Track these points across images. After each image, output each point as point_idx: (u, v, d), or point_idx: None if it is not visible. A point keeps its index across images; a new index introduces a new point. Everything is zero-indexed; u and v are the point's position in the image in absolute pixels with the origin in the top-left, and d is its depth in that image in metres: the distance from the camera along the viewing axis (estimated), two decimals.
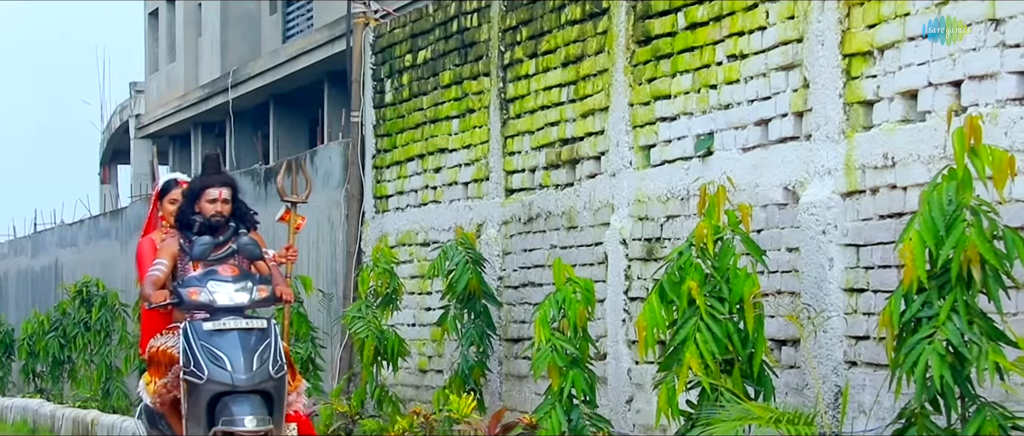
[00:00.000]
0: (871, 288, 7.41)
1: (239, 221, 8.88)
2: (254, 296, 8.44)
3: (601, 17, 9.85)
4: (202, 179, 8.87)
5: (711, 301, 7.21)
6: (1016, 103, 6.54)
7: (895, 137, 7.22)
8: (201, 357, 8.20)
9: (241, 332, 8.28)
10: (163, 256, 8.73)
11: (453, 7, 12.07)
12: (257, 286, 8.47)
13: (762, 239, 8.02)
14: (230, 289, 8.38)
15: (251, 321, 8.35)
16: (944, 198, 5.96)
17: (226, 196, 8.80)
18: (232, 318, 8.31)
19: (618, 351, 9.54)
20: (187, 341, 8.25)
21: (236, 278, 8.42)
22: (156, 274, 8.64)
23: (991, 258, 5.89)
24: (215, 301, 8.34)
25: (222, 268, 8.48)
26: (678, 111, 9.00)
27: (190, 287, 8.39)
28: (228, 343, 8.24)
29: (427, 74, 12.49)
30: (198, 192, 8.81)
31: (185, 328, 8.33)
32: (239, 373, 8.19)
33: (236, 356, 8.20)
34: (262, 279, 8.57)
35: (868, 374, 7.41)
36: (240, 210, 8.91)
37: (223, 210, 8.77)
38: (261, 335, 8.32)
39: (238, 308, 8.37)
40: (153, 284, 8.58)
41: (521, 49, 10.91)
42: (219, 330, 8.26)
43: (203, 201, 8.77)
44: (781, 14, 8.06)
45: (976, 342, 5.94)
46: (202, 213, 8.75)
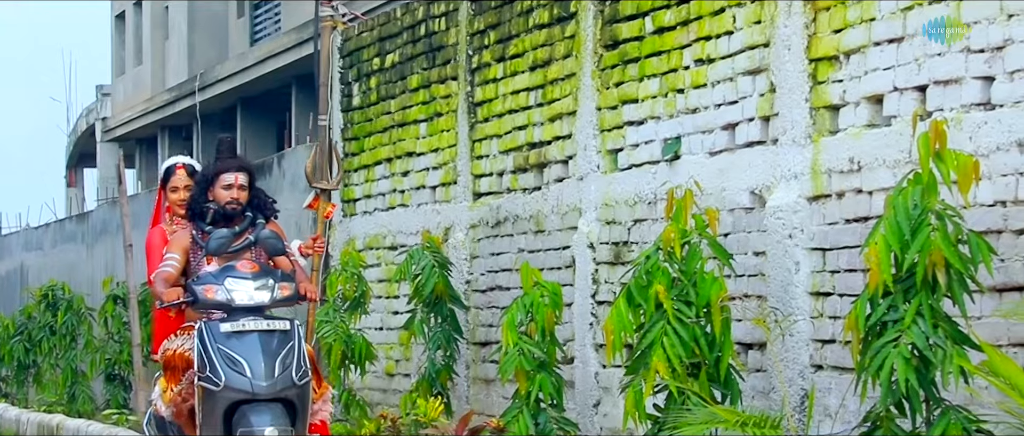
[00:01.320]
0: (837, 292, 7.44)
1: (257, 210, 8.06)
2: (276, 295, 7.61)
3: (569, 21, 9.87)
4: (216, 164, 8.01)
5: (678, 305, 7.23)
6: (980, 108, 6.58)
7: (861, 142, 7.25)
8: (217, 361, 7.40)
9: (262, 334, 7.47)
10: (174, 250, 7.94)
11: (421, 11, 12.06)
12: (279, 284, 7.64)
13: (729, 243, 8.05)
14: (249, 287, 7.56)
15: (273, 322, 7.55)
16: (909, 202, 5.99)
17: (242, 182, 7.96)
18: (252, 318, 7.50)
19: (585, 355, 9.56)
20: (202, 344, 7.47)
21: (256, 275, 7.61)
22: (167, 270, 7.85)
23: (956, 262, 5.93)
24: (233, 300, 7.53)
25: (240, 263, 7.66)
26: (645, 115, 9.02)
27: (206, 284, 7.58)
28: (247, 346, 7.43)
29: (395, 78, 12.49)
30: (211, 178, 7.97)
31: (200, 329, 7.52)
32: (259, 380, 7.37)
33: (256, 361, 7.39)
34: (284, 276, 7.72)
35: (834, 377, 7.44)
36: (258, 198, 8.09)
37: (240, 197, 7.94)
38: (284, 337, 7.50)
39: (258, 308, 7.56)
40: (164, 281, 7.78)
41: (489, 53, 10.92)
42: (237, 332, 7.46)
43: (217, 187, 7.94)
44: (748, 19, 8.09)
45: (941, 346, 5.97)
46: (216, 200, 7.92)
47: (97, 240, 23.00)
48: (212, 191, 7.94)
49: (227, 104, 24.75)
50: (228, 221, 7.90)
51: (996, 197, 6.47)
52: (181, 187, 8.20)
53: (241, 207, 7.95)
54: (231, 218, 7.92)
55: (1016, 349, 6.36)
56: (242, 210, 7.95)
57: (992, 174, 6.45)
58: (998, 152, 6.44)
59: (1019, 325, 6.23)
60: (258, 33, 25.86)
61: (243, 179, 7.96)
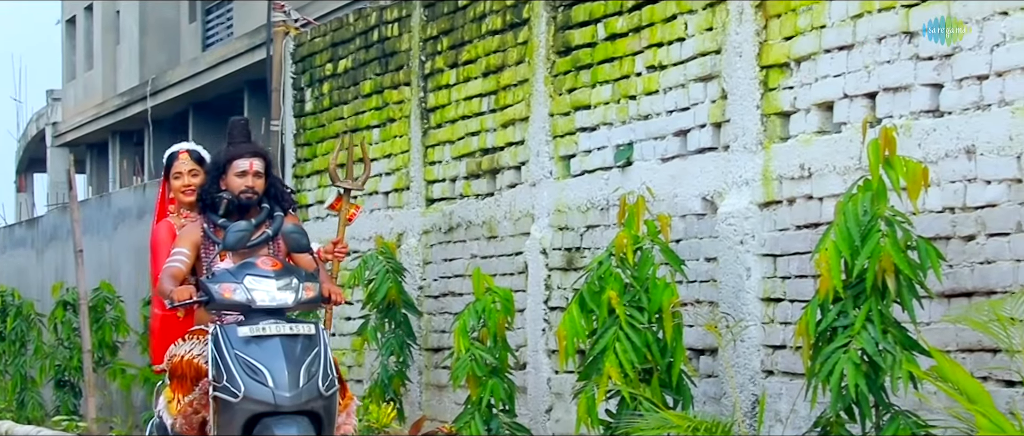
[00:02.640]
0: (788, 298, 7.48)
1: (273, 201, 7.23)
2: (300, 296, 6.75)
3: (521, 27, 9.88)
4: (228, 149, 7.19)
5: (631, 310, 7.25)
6: (930, 115, 6.63)
7: (811, 148, 7.29)
8: (235, 370, 6.54)
9: (285, 339, 6.62)
10: (183, 244, 7.08)
11: (374, 16, 12.05)
12: (304, 284, 6.79)
13: (681, 249, 8.07)
14: (271, 286, 6.71)
15: (296, 325, 6.70)
16: (859, 209, 6.04)
17: (258, 168, 7.11)
18: (273, 322, 6.66)
19: (538, 360, 9.57)
20: (218, 350, 6.62)
21: (279, 273, 6.76)
22: (176, 266, 7.00)
23: (905, 268, 5.97)
24: (254, 301, 6.68)
25: (260, 260, 6.82)
26: (598, 121, 9.05)
27: (222, 283, 6.72)
28: (269, 353, 6.59)
29: (348, 83, 12.47)
30: (224, 165, 7.14)
31: (215, 333, 6.67)
32: (282, 390, 6.52)
33: (279, 369, 6.54)
34: (308, 276, 6.87)
35: (785, 383, 7.47)
36: (275, 187, 7.25)
37: (256, 186, 7.11)
38: (308, 343, 6.66)
39: (280, 310, 6.72)
40: (173, 278, 6.93)
41: (442, 59, 10.92)
42: (258, 337, 6.61)
43: (230, 175, 7.10)
44: (700, 26, 8.12)
45: (890, 351, 6.01)
46: (230, 190, 7.10)
47: (47, 246, 22.85)
48: (224, 179, 7.13)
49: (179, 109, 24.65)
50: (243, 213, 7.12)
51: (945, 204, 6.52)
52: (185, 172, 7.41)
53: (257, 197, 7.14)
54: (246, 209, 7.12)
55: (964, 354, 6.41)
56: (258, 200, 7.16)
57: (941, 181, 6.50)
58: (947, 159, 6.49)
59: (967, 330, 6.28)
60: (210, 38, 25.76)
61: (259, 165, 7.13)
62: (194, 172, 7.35)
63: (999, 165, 6.25)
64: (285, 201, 7.25)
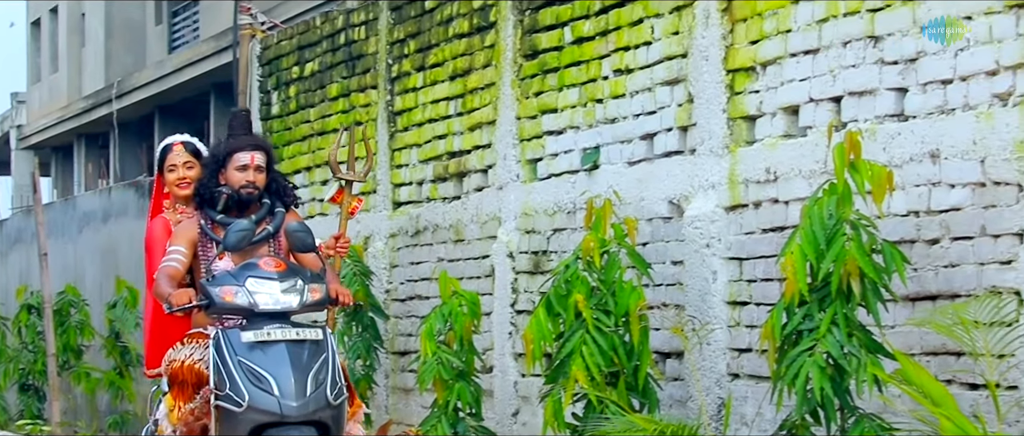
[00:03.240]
0: (754, 301, 7.50)
1: (274, 197, 6.85)
2: (306, 298, 6.41)
3: (489, 31, 9.89)
4: (228, 141, 6.82)
5: (597, 314, 7.26)
6: (894, 119, 6.66)
7: (777, 152, 7.32)
8: (239, 377, 6.20)
9: (290, 345, 6.27)
10: (179, 242, 6.69)
11: (340, 19, 12.04)
12: (309, 285, 6.43)
13: (647, 252, 8.09)
14: (275, 288, 6.36)
15: (303, 330, 6.35)
16: (825, 212, 6.06)
17: (260, 162, 6.73)
18: (278, 326, 6.30)
19: (504, 364, 9.57)
20: (220, 356, 6.27)
21: (282, 275, 6.40)
22: (172, 266, 6.61)
23: (870, 271, 5.99)
24: (256, 304, 6.33)
25: (263, 260, 6.47)
26: (565, 125, 9.06)
27: (223, 285, 6.37)
28: (274, 359, 6.23)
29: (314, 86, 12.45)
30: (223, 158, 6.75)
31: (216, 338, 6.33)
32: (289, 399, 6.17)
33: (285, 376, 6.20)
34: (314, 276, 6.51)
35: (751, 386, 7.49)
36: (276, 182, 6.88)
37: (257, 181, 6.72)
38: (315, 348, 6.32)
39: (284, 313, 6.37)
40: (170, 279, 6.54)
41: (409, 62, 10.91)
42: (262, 342, 6.27)
43: (230, 169, 6.72)
44: (666, 29, 8.14)
45: (855, 355, 6.03)
46: (229, 185, 6.71)
47: (11, 249, 22.73)
48: (224, 174, 6.74)
49: (145, 112, 24.56)
50: (243, 209, 6.74)
51: (909, 207, 6.55)
52: (180, 165, 7.05)
53: (258, 192, 6.75)
54: (246, 205, 6.74)
55: (928, 358, 6.44)
56: (258, 196, 6.77)
57: (905, 184, 6.53)
58: (911, 163, 6.52)
59: (931, 334, 6.31)
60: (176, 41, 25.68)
61: (260, 159, 6.75)
62: (189, 164, 7.04)
63: (963, 169, 6.29)
64: (287, 197, 6.89)
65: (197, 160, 7.02)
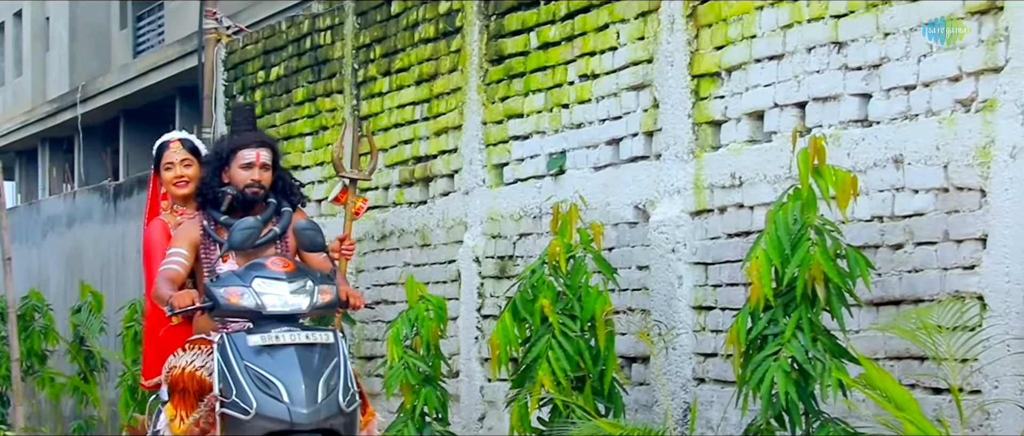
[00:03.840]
0: (719, 306, 7.53)
1: (281, 196, 6.59)
2: (316, 300, 6.08)
3: (454, 36, 9.89)
4: (232, 138, 6.56)
5: (563, 319, 7.27)
6: (858, 124, 6.69)
7: (742, 157, 7.34)
8: (246, 384, 5.89)
9: (300, 349, 5.96)
10: (180, 244, 6.39)
11: (306, 24, 12.02)
12: (319, 286, 6.10)
13: (613, 257, 8.11)
14: (283, 290, 6.04)
15: (313, 333, 6.05)
16: (789, 217, 6.08)
17: (265, 159, 6.49)
18: (287, 329, 5.99)
19: (471, 369, 9.57)
20: (225, 361, 5.96)
21: (291, 275, 6.08)
22: (173, 268, 6.29)
23: (834, 276, 6.02)
24: (264, 306, 6.01)
25: (271, 260, 6.14)
26: (531, 130, 9.07)
27: (229, 286, 6.04)
28: (283, 364, 5.92)
29: (280, 91, 12.43)
30: (227, 155, 6.48)
31: (221, 343, 6.01)
32: (299, 406, 5.86)
33: (295, 382, 5.89)
34: (324, 277, 6.20)
35: (716, 391, 7.51)
36: (282, 180, 6.61)
37: (263, 179, 6.47)
38: (326, 352, 6.01)
39: (293, 316, 6.06)
40: (170, 282, 6.22)
41: (375, 67, 10.91)
42: (270, 346, 5.95)
43: (234, 167, 6.46)
44: (632, 35, 8.16)
45: (820, 359, 6.06)
46: (234, 183, 6.45)
47: None
48: (227, 172, 6.47)
49: (109, 116, 24.47)
50: (248, 209, 6.46)
51: (873, 212, 6.58)
52: (177, 163, 6.74)
53: (264, 192, 6.49)
54: (251, 205, 6.46)
55: (892, 362, 6.47)
56: (264, 195, 6.50)
57: (870, 190, 6.56)
58: (875, 168, 6.55)
59: (895, 338, 6.34)
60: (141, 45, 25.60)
61: (266, 156, 6.49)
62: (187, 162, 6.74)
63: (926, 174, 6.32)
64: (293, 195, 6.63)
65: (195, 158, 6.75)
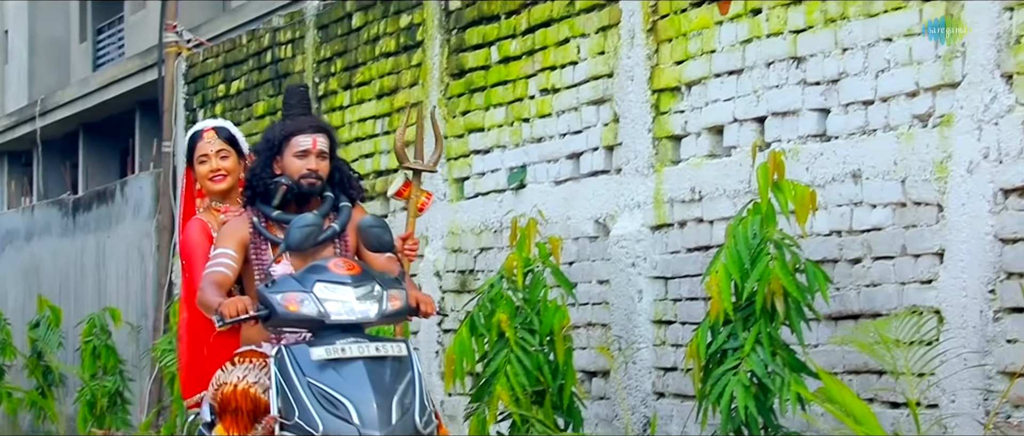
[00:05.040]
0: (679, 320, 7.54)
1: (338, 189, 5.85)
2: (384, 307, 5.39)
3: (415, 50, 9.89)
4: (285, 124, 5.78)
5: (522, 333, 7.26)
6: (817, 139, 6.71)
7: (702, 172, 7.36)
8: (310, 403, 5.18)
9: (370, 363, 5.26)
10: (227, 243, 5.64)
11: (267, 38, 12.00)
12: (388, 292, 5.43)
13: (573, 271, 8.11)
14: (349, 295, 5.35)
15: (383, 345, 5.34)
16: (749, 232, 6.10)
17: (322, 147, 5.73)
18: (354, 340, 5.29)
19: (431, 383, 9.55)
20: (285, 377, 5.25)
21: (357, 278, 5.39)
22: (220, 272, 5.56)
23: (793, 291, 6.03)
24: (328, 314, 5.32)
25: (333, 263, 5.44)
26: (491, 144, 9.07)
27: (286, 292, 5.34)
28: (351, 380, 5.21)
29: (240, 104, 12.40)
30: (279, 143, 5.73)
31: (279, 357, 5.31)
32: (371, 427, 5.15)
33: (365, 401, 5.17)
34: (392, 281, 5.51)
35: (676, 405, 7.52)
36: (339, 171, 5.86)
37: (319, 169, 5.71)
38: (398, 367, 5.31)
39: (359, 325, 5.38)
40: (217, 287, 5.50)
41: (335, 80, 10.89)
42: (336, 360, 5.25)
43: (288, 155, 5.71)
44: (592, 49, 8.17)
45: (779, 373, 6.07)
46: (287, 173, 5.70)
47: None
48: (280, 161, 5.72)
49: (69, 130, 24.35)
50: (302, 203, 5.73)
51: (832, 227, 6.61)
52: (212, 154, 6.03)
53: (321, 183, 5.74)
54: (307, 199, 5.73)
55: (851, 376, 6.49)
56: (321, 188, 5.77)
57: (828, 204, 6.59)
58: (834, 183, 6.58)
59: (854, 352, 6.36)
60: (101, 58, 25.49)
61: (323, 143, 5.74)
62: (223, 153, 6.05)
63: (884, 189, 6.35)
64: (353, 189, 5.89)
65: (232, 148, 6.08)
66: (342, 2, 10.84)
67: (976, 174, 5.92)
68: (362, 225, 5.63)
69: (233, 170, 6.03)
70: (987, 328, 5.88)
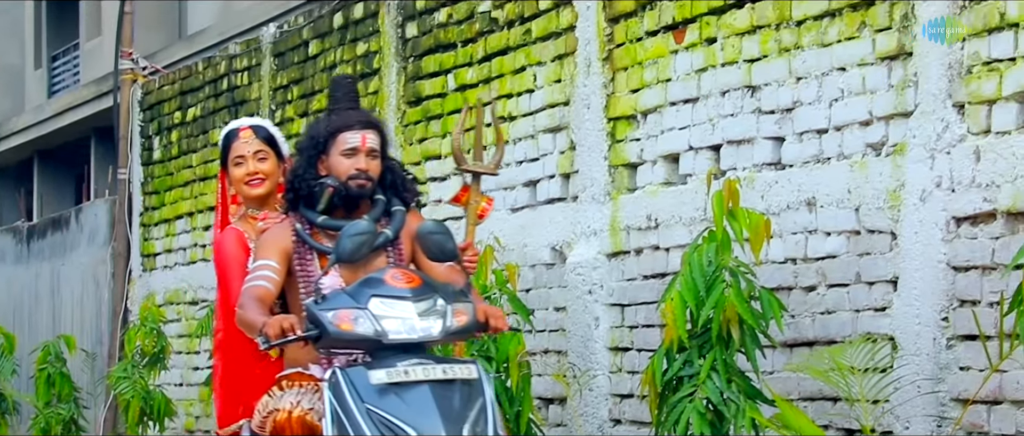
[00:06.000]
0: (635, 347, 7.56)
1: (391, 192, 5.23)
2: (449, 323, 4.78)
3: (372, 77, 9.90)
4: (330, 119, 5.16)
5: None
6: (772, 167, 6.76)
7: (658, 199, 7.39)
8: (368, 431, 4.59)
9: (437, 387, 4.64)
10: (268, 254, 5.02)
11: (223, 65, 11.99)
12: (452, 306, 4.80)
13: (530, 298, 8.12)
14: (409, 311, 4.73)
15: (451, 367, 4.72)
16: (704, 259, 6.12)
17: (373, 144, 5.13)
18: (417, 362, 4.68)
19: None
20: (341, 404, 4.64)
21: (417, 291, 4.76)
22: (261, 286, 4.95)
23: (748, 318, 6.06)
24: (386, 333, 4.70)
25: (390, 274, 4.81)
26: (448, 171, 9.08)
27: (338, 309, 4.72)
28: (416, 407, 4.60)
29: (197, 131, 12.37)
30: (324, 140, 5.12)
31: (334, 381, 4.68)
32: None
33: (432, 428, 4.60)
34: (457, 293, 4.88)
35: (632, 431, 7.54)
36: (392, 172, 5.26)
37: (370, 169, 5.10)
38: (469, 392, 4.69)
39: (420, 345, 4.77)
40: (259, 303, 4.89)
41: (292, 108, 10.89)
42: (398, 384, 4.63)
43: (334, 154, 5.10)
44: (548, 77, 8.20)
45: (734, 400, 6.09)
46: (333, 174, 5.10)
47: None
48: (324, 161, 5.12)
49: (23, 157, 24.23)
50: (351, 208, 5.11)
51: (787, 254, 6.65)
52: (249, 156, 5.46)
53: (371, 185, 5.13)
54: (356, 203, 5.12)
55: (806, 403, 6.52)
56: (371, 191, 5.16)
57: (783, 232, 6.63)
58: (788, 210, 6.62)
59: (809, 379, 6.39)
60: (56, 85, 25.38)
61: (374, 140, 5.14)
62: (262, 155, 5.48)
63: (838, 217, 6.40)
64: (407, 191, 5.28)
65: (271, 149, 5.51)
66: (299, 30, 10.85)
67: (929, 202, 5.97)
68: (422, 231, 4.96)
69: (272, 173, 5.46)
70: (940, 355, 5.92)
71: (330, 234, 5.07)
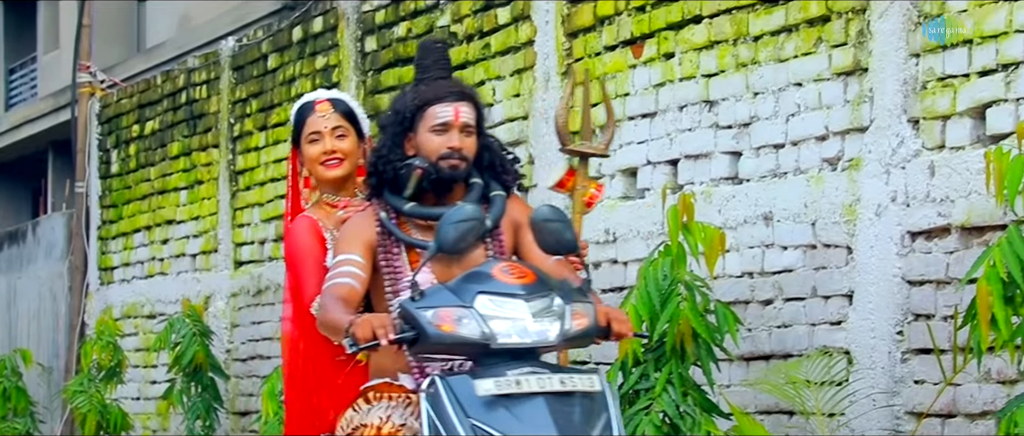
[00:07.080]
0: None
1: (487, 173, 4.52)
2: (568, 326, 4.11)
3: None
4: (418, 89, 4.46)
5: None
6: (729, 182, 6.79)
7: (616, 213, 7.41)
8: None
9: (553, 400, 3.99)
10: (351, 248, 4.38)
11: (182, 78, 11.96)
12: (571, 306, 4.13)
13: None
14: (521, 311, 4.07)
15: (569, 377, 4.05)
16: (659, 273, 6.14)
17: (467, 120, 4.42)
18: (531, 370, 4.02)
19: None
20: (440, 417, 4.00)
21: (530, 288, 4.09)
22: (345, 283, 4.32)
23: (703, 332, 6.08)
24: (494, 336, 4.04)
25: (498, 268, 4.12)
26: None
27: (438, 307, 4.06)
28: (530, 422, 3.95)
29: (155, 145, 12.34)
30: (411, 115, 4.43)
31: (432, 391, 4.03)
32: None
33: None
34: (575, 291, 4.19)
35: None
36: (489, 150, 4.53)
37: (465, 148, 4.41)
38: (589, 406, 4.04)
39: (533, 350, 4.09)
40: (344, 303, 4.26)
41: (251, 121, 10.87)
42: (509, 396, 3.97)
43: (422, 130, 4.41)
44: (507, 92, 8.22)
45: (690, 413, 6.11)
46: (422, 154, 4.40)
47: None
48: (412, 139, 4.42)
49: None
50: (442, 192, 4.42)
51: (744, 268, 6.68)
52: (325, 132, 4.74)
53: (466, 165, 4.43)
54: (449, 186, 4.43)
55: (762, 416, 6.55)
56: (465, 172, 4.44)
57: (740, 246, 6.66)
58: (745, 225, 6.65)
59: (765, 393, 6.41)
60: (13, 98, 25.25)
61: (468, 114, 4.44)
62: (341, 131, 4.76)
63: (795, 231, 6.43)
64: (507, 173, 4.54)
65: (352, 126, 4.79)
66: (258, 43, 10.84)
67: (884, 217, 6.01)
68: (537, 219, 4.21)
69: (351, 153, 4.74)
70: (895, 369, 5.96)
71: (419, 223, 4.42)
